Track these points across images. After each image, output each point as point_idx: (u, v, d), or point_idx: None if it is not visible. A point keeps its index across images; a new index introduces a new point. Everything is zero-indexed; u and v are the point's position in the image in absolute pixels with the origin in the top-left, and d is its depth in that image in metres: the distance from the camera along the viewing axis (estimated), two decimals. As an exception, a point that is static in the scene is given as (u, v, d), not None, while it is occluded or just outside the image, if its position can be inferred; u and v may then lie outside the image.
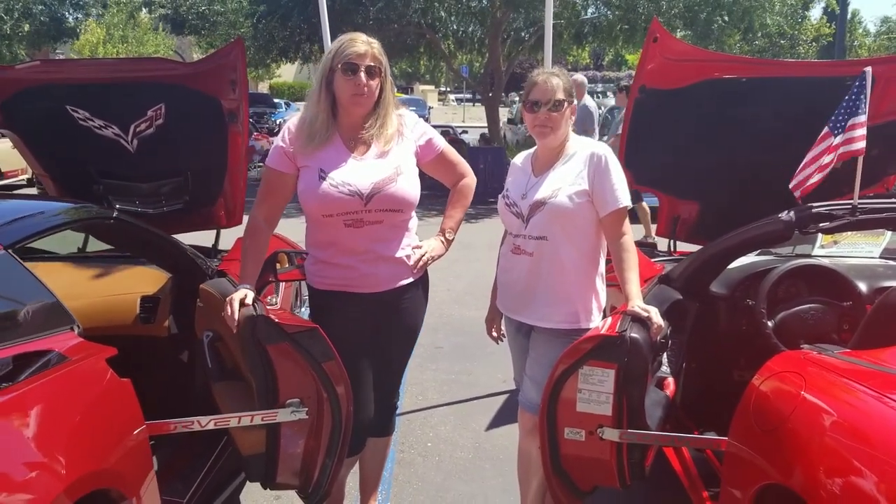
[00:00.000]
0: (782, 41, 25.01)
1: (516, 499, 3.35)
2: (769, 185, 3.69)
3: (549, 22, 5.17)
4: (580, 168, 2.75)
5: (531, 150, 2.98)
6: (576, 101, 2.84)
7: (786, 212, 2.86)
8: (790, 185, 3.11)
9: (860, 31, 44.27)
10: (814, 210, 2.84)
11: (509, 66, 17.73)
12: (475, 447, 3.95)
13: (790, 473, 1.96)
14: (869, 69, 2.91)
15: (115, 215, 2.83)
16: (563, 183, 2.75)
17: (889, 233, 3.73)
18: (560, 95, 2.73)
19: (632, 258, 2.71)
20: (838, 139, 2.91)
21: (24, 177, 13.91)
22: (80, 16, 26.53)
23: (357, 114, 2.72)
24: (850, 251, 3.79)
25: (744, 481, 2.18)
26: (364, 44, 2.66)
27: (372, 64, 2.66)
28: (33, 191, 11.91)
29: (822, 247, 3.91)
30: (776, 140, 3.73)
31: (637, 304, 2.60)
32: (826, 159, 2.97)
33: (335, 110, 2.74)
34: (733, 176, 3.89)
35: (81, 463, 1.91)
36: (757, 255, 3.84)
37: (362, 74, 2.63)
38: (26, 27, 22.89)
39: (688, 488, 2.98)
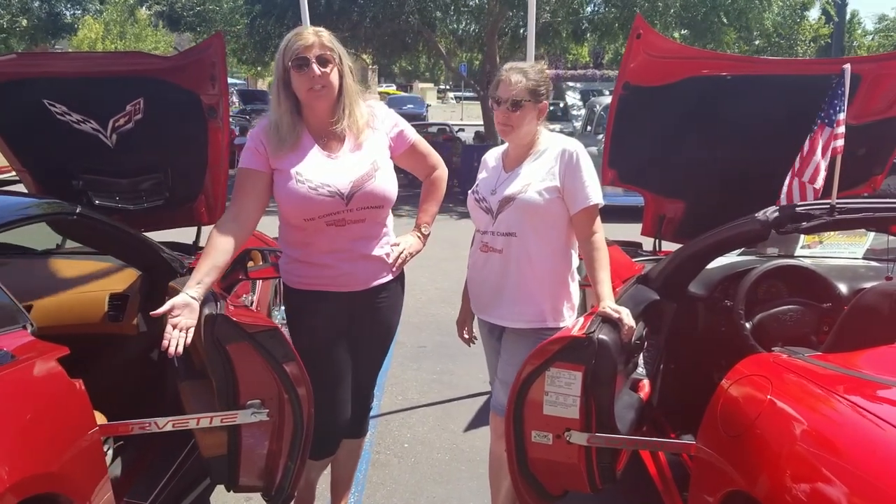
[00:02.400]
0: (780, 41, 24.97)
1: (490, 502, 3.30)
2: (755, 183, 3.65)
3: (532, 15, 5.10)
4: (551, 164, 2.69)
5: (504, 147, 2.91)
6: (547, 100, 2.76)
7: (763, 211, 2.80)
8: (804, 179, 3.03)
9: (859, 31, 44.15)
10: (791, 210, 2.79)
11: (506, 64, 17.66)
12: (452, 449, 3.90)
13: (754, 480, 1.90)
14: (848, 66, 2.86)
15: (77, 211, 2.77)
16: (534, 178, 2.69)
17: (872, 233, 3.68)
18: (520, 95, 2.65)
19: (603, 257, 2.65)
20: (826, 135, 2.86)
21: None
22: (77, 12, 26.50)
23: (320, 108, 2.64)
24: (834, 252, 3.73)
25: (710, 487, 2.13)
26: (311, 35, 2.57)
27: (321, 53, 2.56)
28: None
29: (806, 247, 3.86)
30: (762, 138, 3.69)
31: (608, 304, 2.54)
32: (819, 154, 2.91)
33: (299, 109, 2.67)
34: (719, 174, 3.85)
35: (24, 465, 1.85)
36: (739, 254, 3.79)
37: (315, 66, 2.54)
38: (24, 23, 22.87)
39: (662, 492, 2.93)
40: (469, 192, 2.90)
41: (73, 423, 2.15)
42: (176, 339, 2.34)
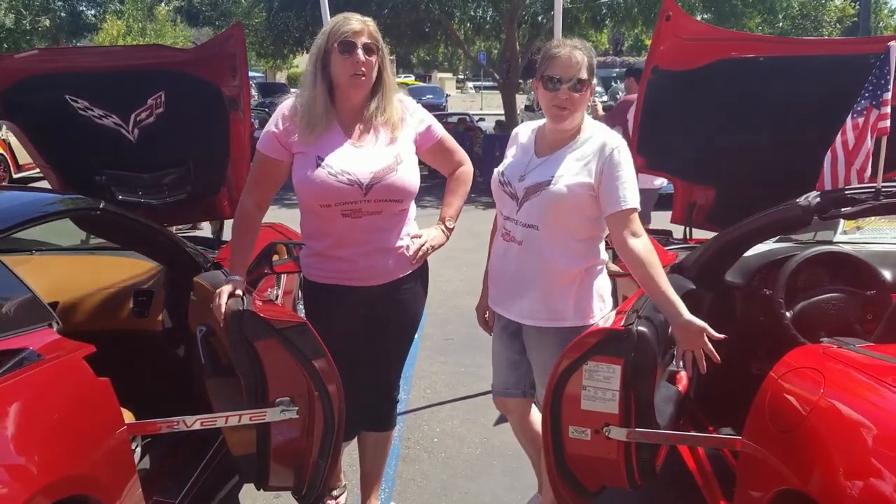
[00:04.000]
0: (805, 23, 24.57)
1: (524, 497, 3.26)
2: (788, 168, 3.53)
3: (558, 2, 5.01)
4: (589, 158, 2.50)
5: (537, 123, 2.73)
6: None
7: (805, 196, 2.69)
8: (856, 167, 2.90)
9: (885, 11, 43.44)
10: (834, 194, 2.68)
11: (526, 51, 17.51)
12: (483, 443, 3.83)
13: (808, 478, 1.82)
14: (893, 44, 2.74)
15: (101, 206, 2.73)
16: (567, 171, 2.50)
17: (916, 218, 3.55)
18: (584, 74, 2.47)
19: (652, 273, 2.40)
20: (874, 115, 2.74)
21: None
22: (97, 11, 26.69)
23: (356, 96, 2.59)
24: (875, 237, 3.61)
25: (759, 484, 2.05)
26: (359, 21, 2.53)
27: (369, 41, 2.52)
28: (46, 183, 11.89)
29: (845, 233, 3.74)
30: (795, 121, 3.57)
31: (687, 319, 2.34)
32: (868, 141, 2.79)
33: (332, 94, 2.61)
34: (751, 159, 3.73)
35: (54, 466, 1.82)
36: (775, 241, 3.68)
37: (360, 52, 2.50)
38: (46, 22, 23.03)
39: (702, 487, 2.84)
40: (495, 170, 2.73)
41: (101, 423, 2.10)
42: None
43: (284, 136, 2.61)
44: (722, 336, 2.36)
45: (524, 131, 2.77)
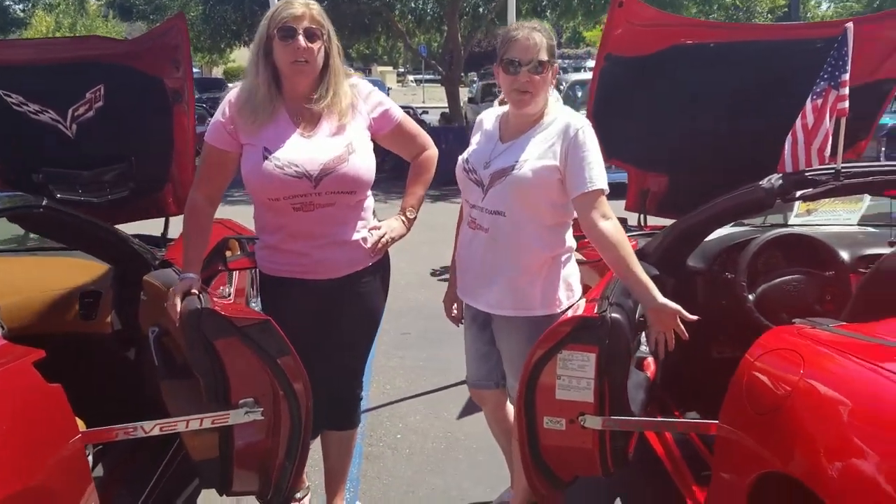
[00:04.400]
0: (738, 13, 25.12)
1: (492, 491, 3.21)
2: (741, 154, 3.55)
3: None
4: (553, 140, 2.45)
5: (501, 110, 2.68)
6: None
7: (767, 179, 2.69)
8: (815, 147, 2.91)
9: (812, 2, 44.76)
10: (796, 176, 2.69)
11: (468, 44, 17.49)
12: (447, 437, 3.77)
13: (791, 460, 1.80)
14: (850, 25, 2.76)
15: (43, 204, 2.58)
16: (531, 154, 2.45)
17: (867, 199, 3.61)
18: (543, 55, 2.41)
19: (623, 255, 2.37)
20: (832, 97, 2.76)
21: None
22: (26, 6, 25.77)
23: (301, 84, 2.49)
24: (829, 219, 3.66)
25: (739, 468, 2.03)
26: (301, 5, 2.42)
27: (311, 26, 2.42)
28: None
29: (800, 215, 3.78)
30: (748, 107, 3.59)
31: (661, 302, 2.33)
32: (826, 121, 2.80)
33: (278, 82, 2.51)
34: (703, 145, 3.74)
35: (5, 481, 1.68)
36: (731, 226, 3.70)
37: (301, 39, 2.39)
38: (-28, 18, 22.15)
39: (672, 472, 2.83)
40: (459, 157, 2.67)
41: (54, 432, 1.96)
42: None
43: (231, 125, 2.51)
44: (694, 317, 2.34)
45: (488, 118, 2.71)
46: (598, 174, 2.42)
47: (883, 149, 12.27)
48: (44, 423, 1.96)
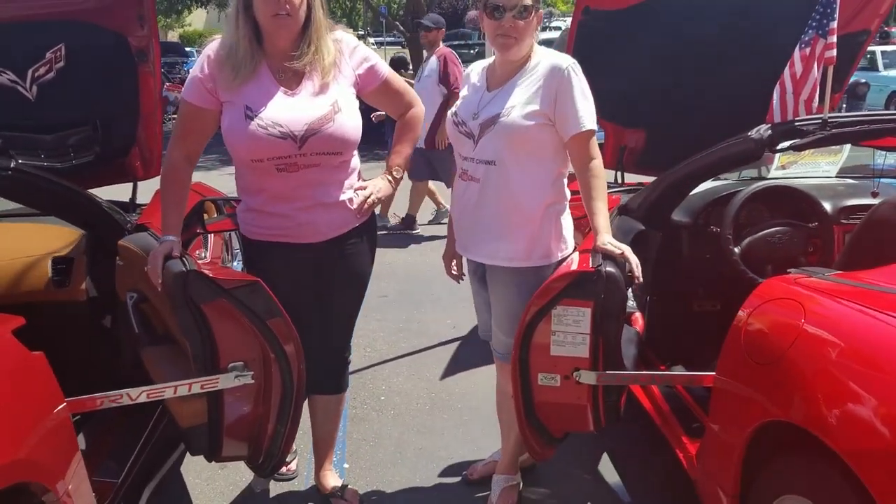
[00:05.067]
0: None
1: (479, 450, 3.20)
2: (720, 108, 3.53)
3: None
4: (539, 83, 2.40)
5: (488, 61, 2.62)
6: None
7: (756, 129, 2.67)
8: (804, 97, 2.87)
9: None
10: (784, 126, 2.67)
11: (431, 4, 17.24)
12: (431, 398, 3.74)
13: (795, 407, 1.80)
14: (837, -27, 2.73)
15: (11, 166, 2.46)
16: (519, 100, 2.41)
17: (846, 150, 3.61)
18: (527, 0, 2.36)
19: (600, 185, 2.41)
20: (820, 45, 2.73)
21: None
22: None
23: (283, 38, 2.37)
24: (808, 171, 3.66)
25: (739, 419, 2.03)
26: None
27: None
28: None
29: (777, 168, 3.78)
30: (726, 60, 3.56)
31: (607, 240, 2.34)
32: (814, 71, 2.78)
33: (259, 37, 2.40)
34: (681, 100, 3.71)
35: (-10, 454, 1.61)
36: (712, 181, 3.69)
37: None
38: None
39: (660, 425, 2.84)
40: (448, 113, 2.64)
41: (38, 402, 1.88)
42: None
43: (210, 82, 2.40)
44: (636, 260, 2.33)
45: (476, 70, 2.65)
46: (587, 114, 2.39)
47: (844, 105, 12.40)
48: (27, 393, 1.88)
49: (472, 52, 23.61)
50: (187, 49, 27.93)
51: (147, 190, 3.29)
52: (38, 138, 3.50)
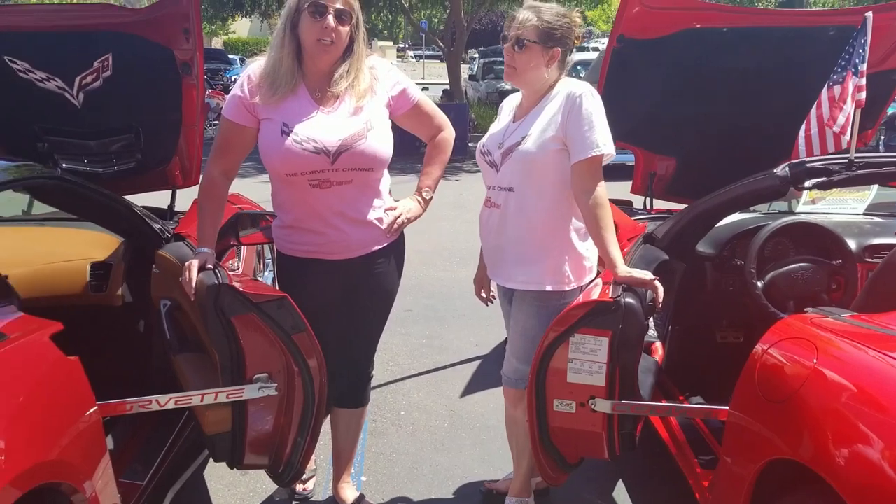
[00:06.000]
0: (743, -3, 24.96)
1: (496, 470, 3.24)
2: (749, 141, 3.56)
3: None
4: (555, 111, 2.48)
5: (521, 96, 2.71)
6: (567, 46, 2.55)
7: (781, 166, 2.69)
8: (835, 129, 2.89)
9: (816, -14, 44.59)
10: (810, 164, 2.69)
11: (471, 21, 17.37)
12: (450, 415, 3.79)
13: (802, 447, 1.82)
14: (870, 14, 2.75)
15: (58, 174, 2.57)
16: (536, 129, 2.49)
17: (874, 188, 3.62)
18: (525, 35, 2.44)
19: (605, 215, 2.43)
20: (853, 84, 2.74)
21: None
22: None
23: (323, 62, 2.48)
24: (836, 207, 3.67)
25: (749, 454, 2.05)
26: None
27: (343, 8, 2.41)
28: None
29: (805, 203, 3.79)
30: (758, 93, 3.59)
31: (627, 270, 2.38)
32: (848, 104, 2.78)
33: (300, 57, 2.50)
34: (712, 131, 3.75)
35: (24, 454, 1.70)
36: (739, 213, 3.71)
37: (330, 17, 2.39)
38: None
39: (676, 455, 2.86)
40: (478, 144, 2.74)
41: (72, 405, 1.98)
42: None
43: (250, 100, 2.50)
44: (660, 287, 2.37)
45: (509, 103, 2.76)
46: (596, 140, 2.42)
47: (882, 137, 12.25)
48: (61, 396, 1.97)
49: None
50: (231, 56, 28.41)
51: (187, 197, 3.40)
52: (82, 144, 3.63)
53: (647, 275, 2.36)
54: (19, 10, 5.24)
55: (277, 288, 2.71)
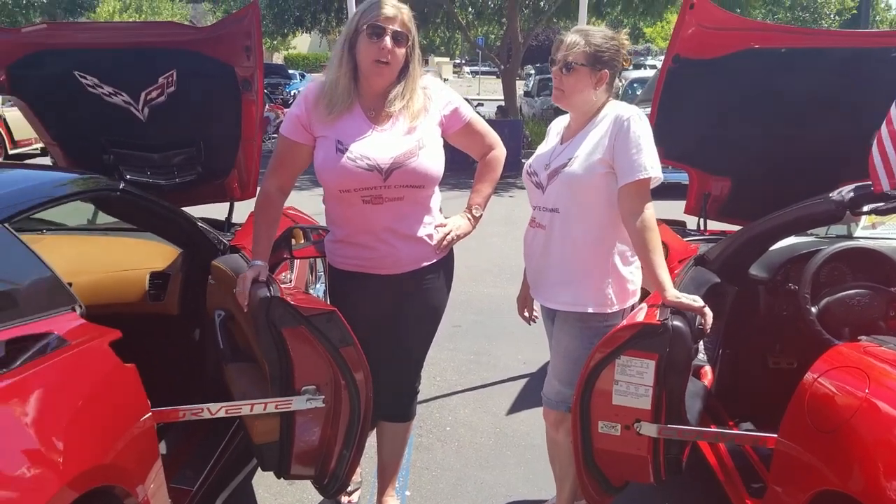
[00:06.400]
0: (804, 14, 24.54)
1: (540, 490, 3.23)
2: (806, 162, 3.50)
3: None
4: (603, 134, 2.49)
5: (568, 116, 2.73)
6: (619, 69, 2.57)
7: (837, 191, 2.65)
8: None
9: (882, 4, 43.58)
10: (867, 189, 2.64)
11: (527, 37, 17.41)
12: (496, 433, 3.80)
13: (851, 479, 1.79)
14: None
15: (121, 187, 2.67)
16: (584, 151, 2.50)
17: (938, 215, 3.51)
18: (573, 57, 2.45)
19: (653, 238, 2.42)
20: None
21: (38, 146, 13.72)
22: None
23: (378, 84, 2.54)
24: (894, 233, 3.58)
25: (797, 484, 2.01)
26: (393, 7, 2.47)
27: (400, 30, 2.47)
28: (47, 160, 11.72)
29: (864, 228, 3.70)
30: (815, 115, 3.53)
31: (676, 293, 2.36)
32: None
33: (357, 77, 2.56)
34: (768, 152, 3.70)
35: (81, 457, 1.77)
36: (795, 236, 3.65)
37: (388, 39, 2.44)
38: (43, -2, 22.77)
39: (724, 482, 2.82)
40: (525, 164, 2.76)
41: (127, 411, 2.05)
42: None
43: (306, 118, 2.57)
44: (709, 313, 2.34)
45: (557, 125, 2.78)
46: (643, 163, 2.42)
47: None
48: (118, 402, 2.04)
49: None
50: (291, 71, 29.00)
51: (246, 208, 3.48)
52: (146, 156, 3.76)
53: (696, 300, 2.34)
54: (90, 27, 5.44)
55: (328, 301, 2.76)
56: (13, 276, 2.03)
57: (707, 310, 2.32)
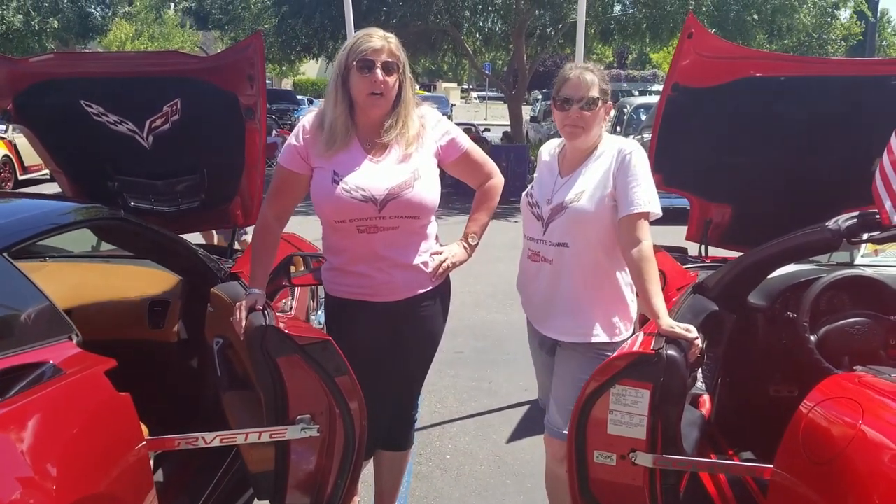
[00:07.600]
0: (810, 40, 24.59)
1: (539, 519, 3.20)
2: (806, 190, 3.51)
3: (581, 17, 5.01)
4: (605, 168, 2.55)
5: (558, 143, 2.79)
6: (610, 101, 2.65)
7: (834, 219, 2.65)
8: None
9: (889, 30, 43.72)
10: (864, 218, 2.65)
11: (533, 64, 17.55)
12: (496, 461, 3.78)
13: (846, 511, 1.77)
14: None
15: (121, 216, 2.70)
16: (587, 186, 2.55)
17: (938, 243, 3.50)
18: (594, 93, 2.53)
19: (651, 269, 2.47)
20: None
21: (47, 171, 13.81)
22: (107, 13, 26.75)
23: (374, 114, 2.57)
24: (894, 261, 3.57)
25: (792, 516, 2.00)
26: (380, 39, 2.51)
27: (389, 60, 2.50)
28: (55, 186, 11.81)
29: (865, 255, 3.70)
30: (815, 142, 3.54)
31: (670, 322, 2.38)
32: None
33: (352, 110, 2.59)
34: (769, 179, 3.71)
35: (74, 486, 1.77)
36: (795, 263, 3.64)
37: (378, 71, 2.47)
38: (55, 24, 23.06)
39: (723, 512, 2.80)
40: (523, 193, 2.79)
41: (121, 440, 2.06)
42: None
43: (304, 150, 2.60)
44: (699, 342, 2.35)
45: (546, 151, 2.83)
46: (643, 197, 2.48)
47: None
48: (112, 431, 2.05)
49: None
50: (299, 97, 29.25)
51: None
52: (150, 184, 3.80)
53: (689, 330, 2.34)
54: (96, 57, 5.53)
55: (326, 328, 2.77)
56: (10, 304, 2.05)
57: (698, 340, 2.33)
